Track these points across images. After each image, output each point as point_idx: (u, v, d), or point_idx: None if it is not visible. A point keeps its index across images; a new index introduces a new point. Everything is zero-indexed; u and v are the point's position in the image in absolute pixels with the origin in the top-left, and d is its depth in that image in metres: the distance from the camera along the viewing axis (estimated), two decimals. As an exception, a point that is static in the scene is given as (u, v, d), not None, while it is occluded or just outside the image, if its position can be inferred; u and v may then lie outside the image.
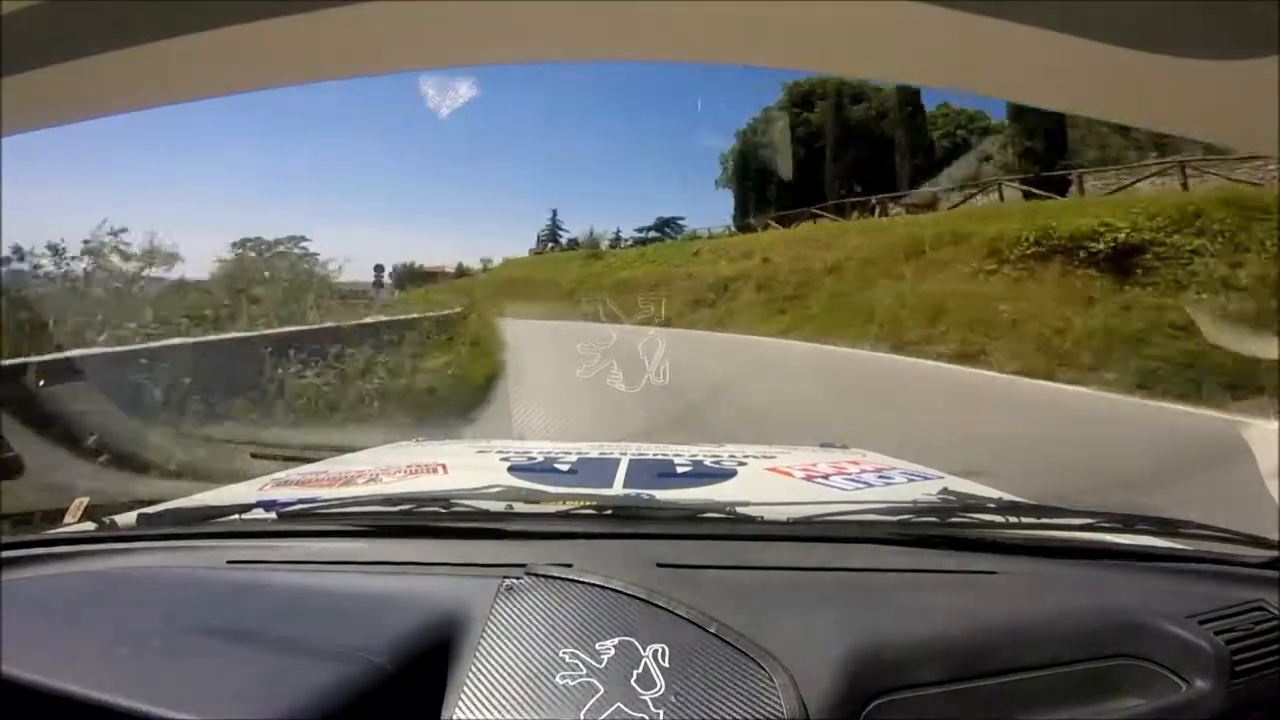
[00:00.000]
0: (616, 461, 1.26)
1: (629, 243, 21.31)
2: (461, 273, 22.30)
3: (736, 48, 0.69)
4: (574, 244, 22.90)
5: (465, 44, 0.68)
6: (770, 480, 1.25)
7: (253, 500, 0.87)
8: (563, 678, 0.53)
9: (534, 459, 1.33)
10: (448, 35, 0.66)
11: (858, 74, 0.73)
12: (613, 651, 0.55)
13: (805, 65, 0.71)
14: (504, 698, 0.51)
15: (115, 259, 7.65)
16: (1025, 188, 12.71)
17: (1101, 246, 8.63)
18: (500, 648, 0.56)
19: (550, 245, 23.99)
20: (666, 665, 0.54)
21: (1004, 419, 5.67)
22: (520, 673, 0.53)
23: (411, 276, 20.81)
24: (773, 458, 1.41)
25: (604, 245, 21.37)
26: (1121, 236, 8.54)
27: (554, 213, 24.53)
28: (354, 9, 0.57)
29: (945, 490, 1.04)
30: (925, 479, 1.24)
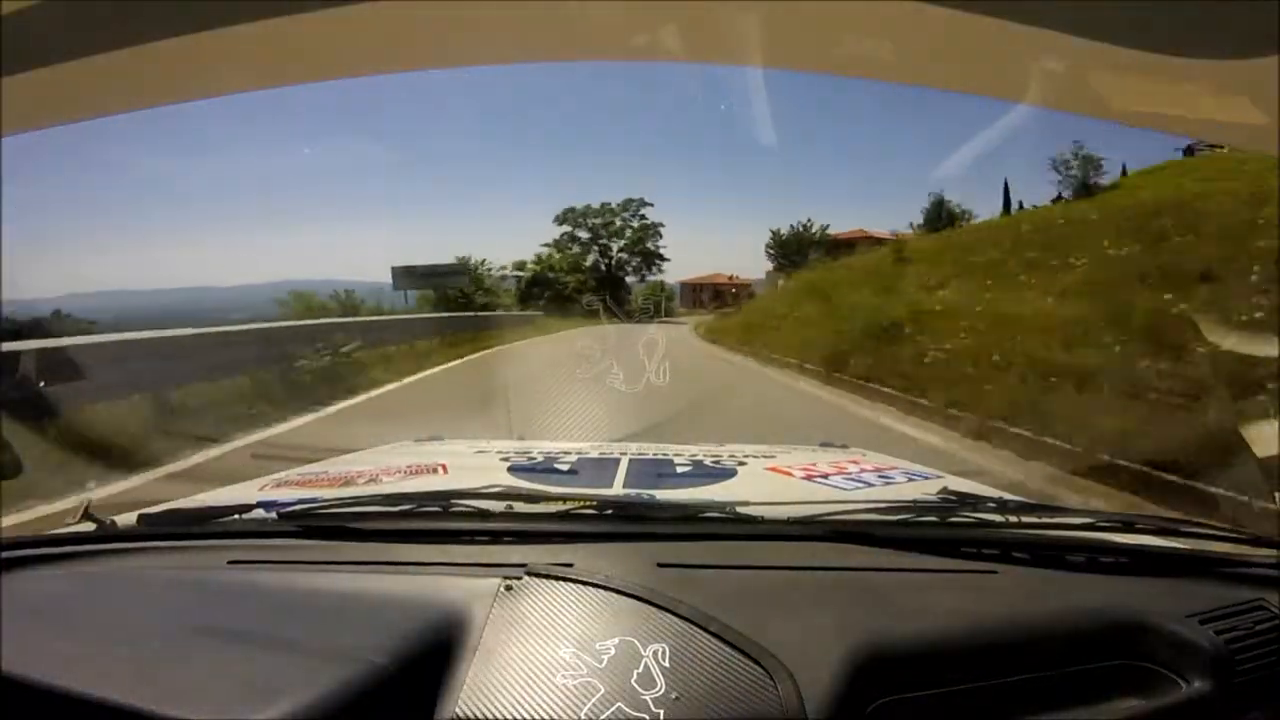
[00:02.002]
0: (616, 461, 1.26)
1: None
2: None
3: (736, 48, 0.69)
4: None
5: (467, 43, 0.68)
6: (770, 480, 1.24)
7: (253, 500, 0.87)
8: (563, 678, 0.53)
9: (534, 459, 1.33)
10: (449, 35, 0.66)
11: (858, 74, 0.73)
12: (613, 651, 0.55)
13: (806, 65, 0.71)
14: (504, 698, 0.51)
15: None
16: None
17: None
18: (500, 648, 0.56)
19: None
20: (666, 665, 0.54)
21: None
22: (520, 673, 0.53)
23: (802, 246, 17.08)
24: (773, 457, 1.41)
25: None
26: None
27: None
28: (354, 9, 0.57)
29: (945, 490, 1.03)
30: (925, 479, 1.24)
